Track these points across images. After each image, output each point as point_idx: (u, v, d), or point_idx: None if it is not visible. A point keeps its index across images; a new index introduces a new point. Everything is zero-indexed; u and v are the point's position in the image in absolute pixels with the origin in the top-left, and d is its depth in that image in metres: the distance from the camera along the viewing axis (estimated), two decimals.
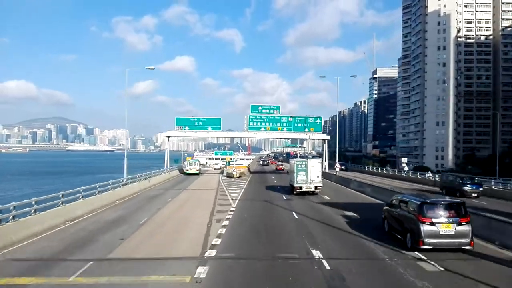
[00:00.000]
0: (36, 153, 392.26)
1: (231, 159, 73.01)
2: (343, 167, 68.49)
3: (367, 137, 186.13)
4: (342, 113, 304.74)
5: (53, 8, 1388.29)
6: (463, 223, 12.37)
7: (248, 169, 62.14)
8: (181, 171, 53.91)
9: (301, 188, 29.22)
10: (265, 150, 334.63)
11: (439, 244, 12.26)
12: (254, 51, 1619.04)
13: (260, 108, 56.94)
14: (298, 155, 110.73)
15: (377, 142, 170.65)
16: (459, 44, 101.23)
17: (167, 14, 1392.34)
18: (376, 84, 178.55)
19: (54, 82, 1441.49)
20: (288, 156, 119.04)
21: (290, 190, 31.42)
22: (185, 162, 56.11)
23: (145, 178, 35.74)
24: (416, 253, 12.42)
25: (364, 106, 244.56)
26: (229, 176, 48.40)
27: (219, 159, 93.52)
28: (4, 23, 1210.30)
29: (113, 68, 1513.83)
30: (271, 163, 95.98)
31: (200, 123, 55.98)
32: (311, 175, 29.20)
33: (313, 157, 62.06)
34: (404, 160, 73.66)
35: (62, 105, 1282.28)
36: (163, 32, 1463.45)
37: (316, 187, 29.31)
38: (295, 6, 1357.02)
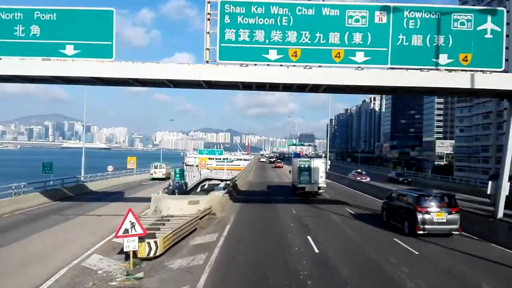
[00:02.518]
0: (27, 150, 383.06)
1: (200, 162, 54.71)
2: (366, 178, 47.96)
3: (384, 136, 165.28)
4: (349, 111, 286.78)
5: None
6: (453, 212, 15.07)
7: (234, 187, 29.72)
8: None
9: (304, 188, 28.59)
10: (265, 150, 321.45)
11: (433, 229, 14.91)
12: None
13: None
14: (308, 155, 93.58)
15: (394, 142, 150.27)
16: None
17: (165, 8, 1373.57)
18: None
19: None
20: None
21: (292, 191, 30.98)
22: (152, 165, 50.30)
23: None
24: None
25: (374, 103, 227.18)
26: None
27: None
28: None
29: None
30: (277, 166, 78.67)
31: None
32: (314, 175, 28.58)
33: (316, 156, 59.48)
34: None
35: (60, 102, 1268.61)
36: (161, 27, 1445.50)
37: (319, 188, 28.75)
38: None
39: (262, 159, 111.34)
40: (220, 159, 79.05)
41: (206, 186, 54.91)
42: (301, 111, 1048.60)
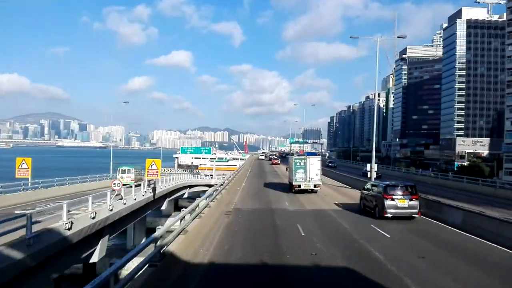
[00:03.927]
0: (19, 149, 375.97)
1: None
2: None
3: (393, 133, 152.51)
4: (351, 108, 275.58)
5: None
6: (413, 199, 17.95)
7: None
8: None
9: (299, 186, 28.73)
10: (263, 149, 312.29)
11: (397, 213, 17.73)
12: (253, 46, 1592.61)
13: None
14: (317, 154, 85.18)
15: (405, 140, 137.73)
16: None
17: (162, 5, 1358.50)
18: (405, 66, 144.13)
19: (48, 76, 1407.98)
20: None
21: (289, 188, 30.78)
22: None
23: None
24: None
25: (379, 99, 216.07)
26: None
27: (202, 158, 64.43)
28: None
29: (108, 63, 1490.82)
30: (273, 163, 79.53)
31: None
32: (310, 173, 28.64)
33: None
34: None
35: (57, 101, 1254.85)
36: (158, 24, 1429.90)
37: (315, 185, 28.83)
38: None
39: (261, 157, 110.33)
40: (209, 158, 67.35)
41: (186, 195, 42.17)
42: (300, 110, 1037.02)
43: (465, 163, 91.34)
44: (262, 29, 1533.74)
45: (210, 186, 43.27)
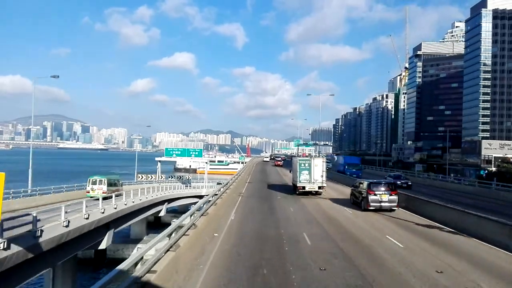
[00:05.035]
0: (20, 150, 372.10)
1: None
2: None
3: (407, 135, 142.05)
4: (357, 110, 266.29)
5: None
6: (393, 194, 20.98)
7: None
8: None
9: (304, 187, 28.67)
10: (266, 152, 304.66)
11: (379, 206, 20.84)
12: (256, 48, 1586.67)
13: None
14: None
15: (419, 143, 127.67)
16: None
17: (164, 6, 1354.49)
18: (420, 64, 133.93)
19: (51, 78, 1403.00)
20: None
21: (293, 189, 30.93)
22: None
23: None
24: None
25: (387, 101, 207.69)
26: None
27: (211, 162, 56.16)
28: None
29: (111, 64, 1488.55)
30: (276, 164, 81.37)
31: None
32: (314, 174, 28.57)
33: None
34: None
35: (60, 103, 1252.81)
36: (160, 25, 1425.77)
37: (319, 187, 28.82)
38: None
39: (265, 159, 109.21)
40: (208, 161, 58.21)
41: (162, 213, 32.69)
42: (303, 113, 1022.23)
43: (492, 169, 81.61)
44: (265, 30, 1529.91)
45: (199, 197, 34.46)
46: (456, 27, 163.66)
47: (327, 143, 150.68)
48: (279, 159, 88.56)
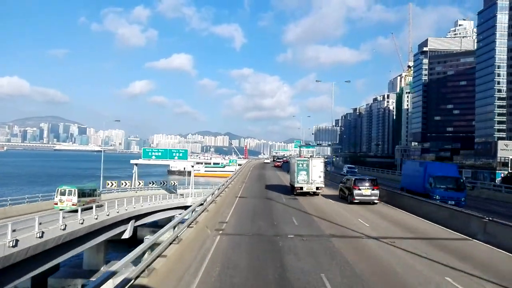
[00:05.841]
0: (14, 152, 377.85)
1: None
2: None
3: (413, 136, 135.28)
4: (357, 111, 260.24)
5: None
6: (375, 189, 24.48)
7: None
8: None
9: (301, 188, 28.61)
10: (264, 154, 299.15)
11: (362, 199, 24.21)
12: (254, 49, 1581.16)
13: None
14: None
15: (426, 144, 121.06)
16: None
17: (161, 6, 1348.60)
18: (426, 61, 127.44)
19: (48, 80, 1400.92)
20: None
21: (291, 190, 31.06)
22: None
23: None
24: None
25: (388, 101, 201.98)
26: None
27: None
28: None
29: (108, 65, 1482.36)
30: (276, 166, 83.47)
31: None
32: (312, 175, 28.58)
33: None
34: None
35: (57, 104, 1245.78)
36: (158, 26, 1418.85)
37: (317, 188, 28.82)
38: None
39: (266, 161, 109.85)
40: (203, 163, 51.26)
41: (127, 235, 25.64)
42: (301, 114, 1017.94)
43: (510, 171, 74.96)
44: (263, 31, 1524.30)
45: (184, 208, 27.93)
46: (460, 25, 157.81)
47: (330, 143, 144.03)
48: (280, 161, 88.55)
